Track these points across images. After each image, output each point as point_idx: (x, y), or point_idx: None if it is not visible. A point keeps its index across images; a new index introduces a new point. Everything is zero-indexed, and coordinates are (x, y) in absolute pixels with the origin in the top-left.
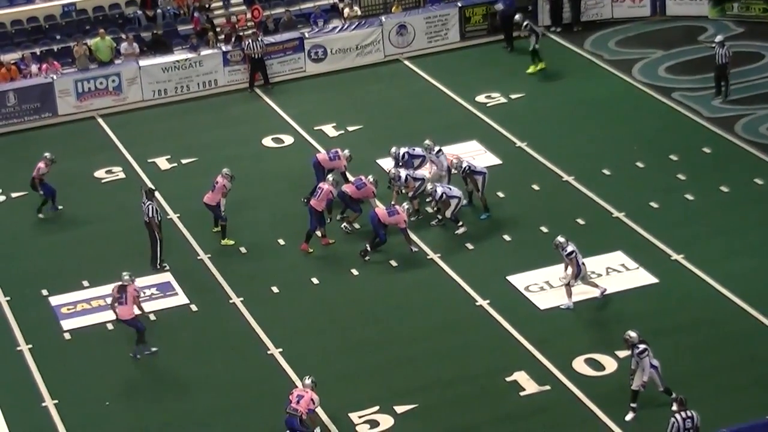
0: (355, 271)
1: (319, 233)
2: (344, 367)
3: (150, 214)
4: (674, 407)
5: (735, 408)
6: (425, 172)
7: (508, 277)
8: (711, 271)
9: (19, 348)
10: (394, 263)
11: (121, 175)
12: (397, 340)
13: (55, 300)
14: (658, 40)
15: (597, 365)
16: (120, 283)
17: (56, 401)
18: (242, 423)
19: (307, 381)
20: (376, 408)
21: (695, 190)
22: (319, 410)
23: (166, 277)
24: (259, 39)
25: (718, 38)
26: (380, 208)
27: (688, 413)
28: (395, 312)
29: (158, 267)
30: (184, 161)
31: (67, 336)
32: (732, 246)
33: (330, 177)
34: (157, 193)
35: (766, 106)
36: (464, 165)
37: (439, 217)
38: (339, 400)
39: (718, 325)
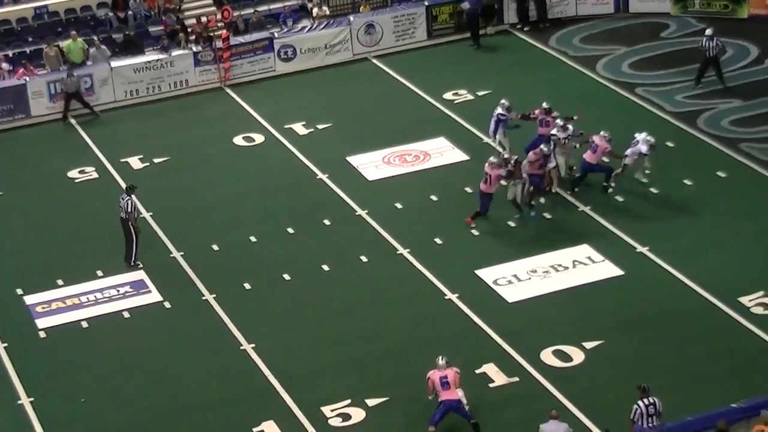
0: (325, 267)
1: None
2: (315, 361)
3: (128, 210)
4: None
5: (700, 398)
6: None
7: (476, 271)
8: (676, 263)
9: None
10: (364, 258)
11: (95, 175)
12: (367, 334)
13: (29, 299)
14: (622, 37)
15: (565, 357)
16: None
17: (32, 399)
18: (218, 418)
19: (441, 362)
20: (348, 401)
21: (659, 183)
22: (291, 404)
23: (140, 275)
24: (75, 75)
25: (708, 32)
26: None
27: (651, 399)
28: (365, 306)
29: (132, 264)
30: (156, 160)
31: (42, 334)
32: (696, 238)
33: (493, 159)
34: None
35: (727, 101)
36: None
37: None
38: (311, 394)
39: (683, 317)
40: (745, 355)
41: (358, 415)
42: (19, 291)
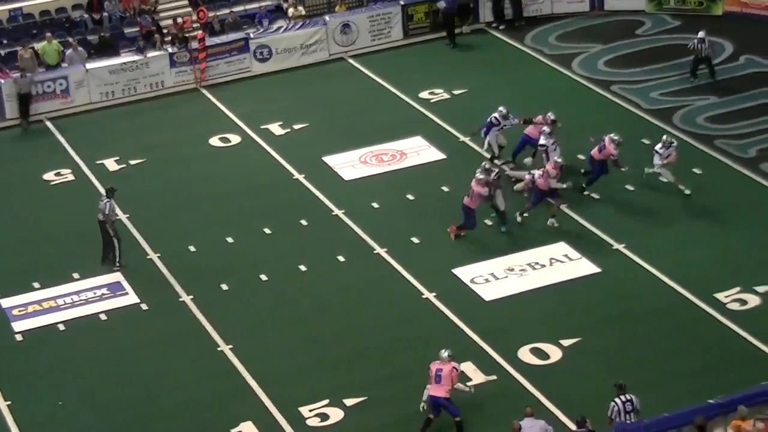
0: (302, 267)
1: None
2: (293, 361)
3: (106, 212)
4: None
5: (678, 393)
6: None
7: (453, 270)
8: (652, 260)
9: None
10: (341, 258)
11: (70, 178)
12: (345, 334)
13: (6, 302)
14: (597, 35)
15: (542, 354)
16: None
17: (9, 402)
18: (196, 419)
19: (444, 354)
20: (326, 401)
21: (635, 180)
22: (269, 404)
23: (116, 277)
24: (28, 75)
25: (700, 34)
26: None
27: (627, 396)
28: (343, 306)
29: (117, 265)
30: (132, 162)
31: (18, 338)
32: (672, 235)
33: (479, 175)
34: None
35: (703, 97)
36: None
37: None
38: (289, 394)
39: (660, 313)
40: (721, 350)
41: (336, 415)
42: None
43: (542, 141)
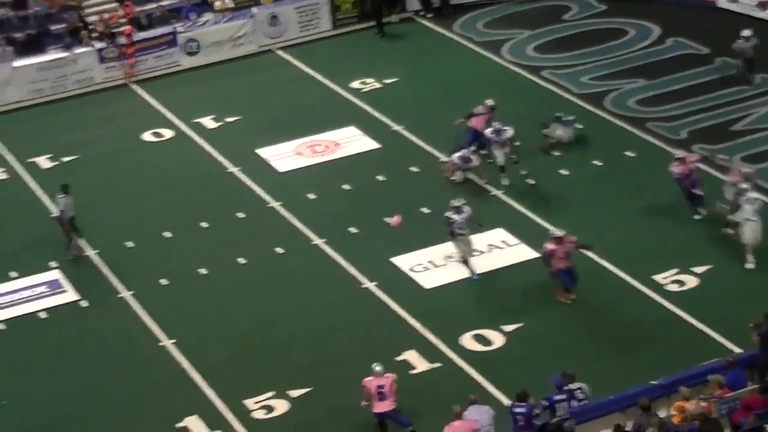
0: (241, 260)
1: None
2: (237, 354)
3: (60, 208)
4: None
5: (620, 375)
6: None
7: (391, 259)
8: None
9: None
10: (279, 250)
11: (3, 176)
12: (288, 326)
13: None
14: (525, 20)
15: (484, 340)
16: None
17: None
18: (141, 414)
19: (378, 368)
20: (271, 393)
21: (569, 165)
22: (214, 398)
23: (55, 275)
24: None
25: (746, 33)
26: None
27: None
28: (284, 299)
29: (73, 256)
30: (65, 159)
31: None
32: (608, 218)
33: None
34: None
35: (632, 81)
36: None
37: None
38: (233, 386)
39: (600, 296)
40: (661, 331)
41: (281, 406)
42: None
43: (488, 132)
